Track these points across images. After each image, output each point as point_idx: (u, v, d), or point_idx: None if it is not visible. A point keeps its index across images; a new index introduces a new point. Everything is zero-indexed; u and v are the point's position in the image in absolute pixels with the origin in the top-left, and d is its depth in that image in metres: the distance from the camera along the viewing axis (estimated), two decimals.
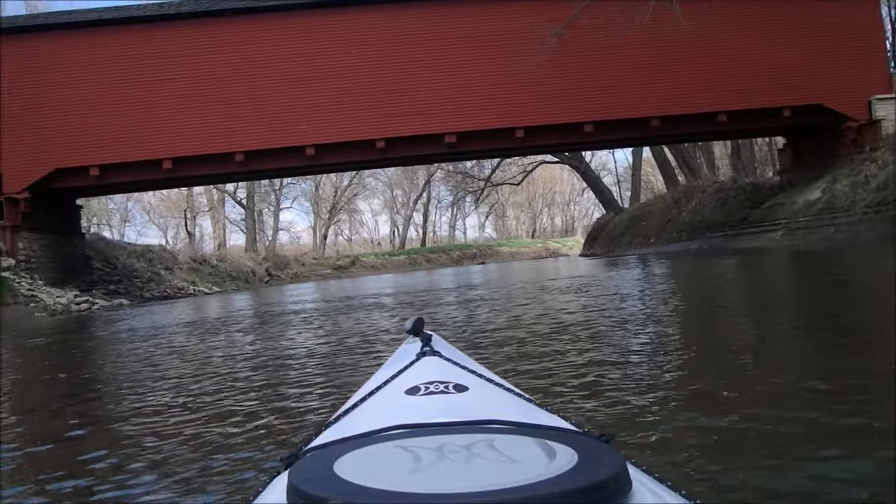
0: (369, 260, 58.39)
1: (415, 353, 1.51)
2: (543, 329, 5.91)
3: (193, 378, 4.97)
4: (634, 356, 4.23)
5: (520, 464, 0.79)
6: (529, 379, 3.64)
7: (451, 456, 0.82)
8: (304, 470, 0.82)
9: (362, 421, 1.10)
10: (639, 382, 3.41)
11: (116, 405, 4.15)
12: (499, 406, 1.16)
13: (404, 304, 11.74)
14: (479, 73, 21.95)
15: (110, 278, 25.73)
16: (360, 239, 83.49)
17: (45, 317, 17.80)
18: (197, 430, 3.21)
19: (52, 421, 3.88)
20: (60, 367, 6.70)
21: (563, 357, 4.38)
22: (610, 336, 5.20)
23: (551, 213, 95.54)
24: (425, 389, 1.20)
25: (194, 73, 21.64)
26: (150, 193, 62.18)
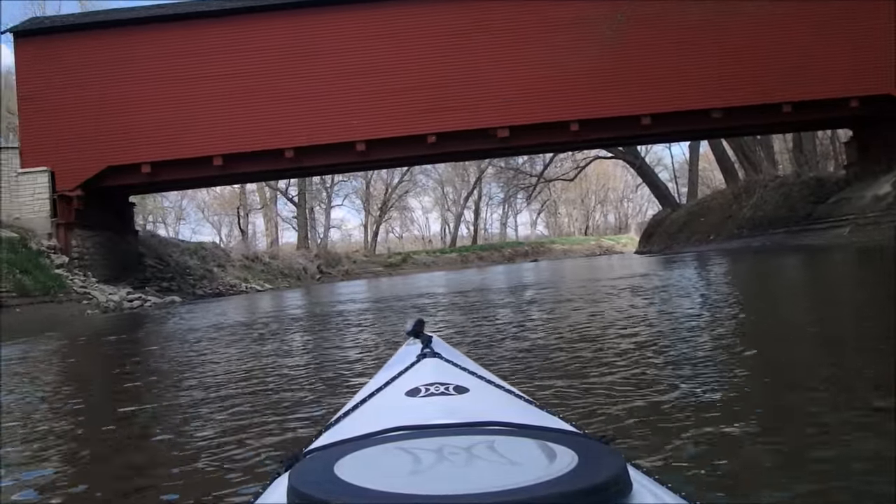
0: (420, 257, 58.13)
1: (415, 355, 1.50)
2: (614, 344, 5.03)
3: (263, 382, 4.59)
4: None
5: (520, 466, 0.78)
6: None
7: (452, 458, 0.81)
8: (304, 472, 0.80)
9: (363, 422, 1.09)
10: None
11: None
12: (499, 408, 1.17)
13: (455, 306, 11.28)
14: (533, 65, 21.39)
15: (163, 275, 25.80)
16: (410, 236, 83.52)
17: (98, 314, 17.77)
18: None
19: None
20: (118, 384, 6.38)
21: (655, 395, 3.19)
22: (700, 369, 3.75)
23: (604, 209, 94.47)
24: (426, 391, 1.19)
25: (245, 69, 21.49)
26: (204, 191, 63.13)
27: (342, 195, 68.39)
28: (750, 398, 3.04)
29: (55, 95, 21.20)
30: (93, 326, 13.65)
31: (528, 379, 3.73)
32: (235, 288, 30.21)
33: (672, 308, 7.25)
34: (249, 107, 21.36)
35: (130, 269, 24.09)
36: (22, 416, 4.01)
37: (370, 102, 21.36)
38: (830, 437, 2.34)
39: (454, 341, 5.50)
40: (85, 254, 21.43)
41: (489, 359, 4.57)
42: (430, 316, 8.84)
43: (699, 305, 7.31)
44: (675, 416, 2.73)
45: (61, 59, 21.39)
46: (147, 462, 2.87)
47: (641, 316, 6.82)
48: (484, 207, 79.64)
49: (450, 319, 8.34)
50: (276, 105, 21.38)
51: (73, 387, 5.58)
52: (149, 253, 26.98)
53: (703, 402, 2.96)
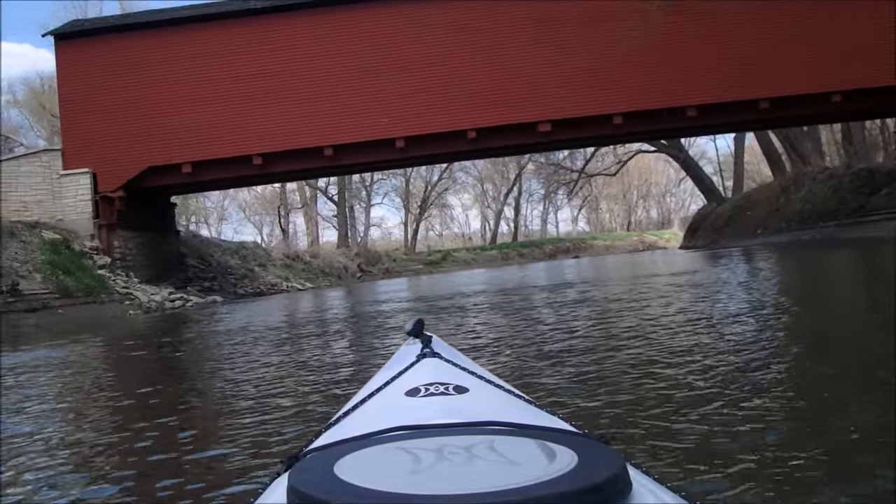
0: (461, 255, 57.74)
1: (415, 355, 1.49)
2: (696, 369, 4.05)
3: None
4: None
5: (519, 465, 0.78)
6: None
7: (451, 457, 0.81)
8: (304, 471, 0.81)
9: (362, 422, 1.08)
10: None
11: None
12: (499, 407, 1.16)
13: (499, 307, 10.96)
14: (575, 58, 20.91)
15: (204, 275, 25.85)
16: (450, 234, 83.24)
17: (140, 314, 17.78)
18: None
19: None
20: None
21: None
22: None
23: (647, 205, 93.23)
24: (425, 391, 1.18)
25: (282, 67, 21.38)
26: (246, 191, 63.53)
27: (381, 193, 68.38)
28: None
29: (96, 97, 21.30)
30: (135, 328, 13.60)
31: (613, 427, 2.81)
32: (276, 287, 30.19)
33: (752, 318, 6.78)
34: (288, 105, 21.24)
35: (172, 269, 24.17)
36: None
37: (407, 99, 21.08)
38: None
39: (501, 357, 5.19)
40: (127, 254, 21.52)
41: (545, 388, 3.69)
42: (472, 318, 8.53)
43: (775, 312, 6.88)
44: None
45: (101, 61, 21.48)
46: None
47: (713, 326, 6.22)
48: (524, 204, 79.08)
49: (493, 322, 8.02)
50: (315, 103, 21.22)
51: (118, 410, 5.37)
52: (190, 253, 27.08)
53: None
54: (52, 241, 19.02)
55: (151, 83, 21.41)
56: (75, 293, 17.52)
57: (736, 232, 34.57)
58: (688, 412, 2.91)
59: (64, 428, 3.90)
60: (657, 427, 2.71)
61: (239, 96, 21.31)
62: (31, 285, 16.66)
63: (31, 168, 21.04)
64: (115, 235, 21.17)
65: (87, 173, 21.00)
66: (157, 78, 21.41)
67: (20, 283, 15.91)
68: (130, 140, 21.12)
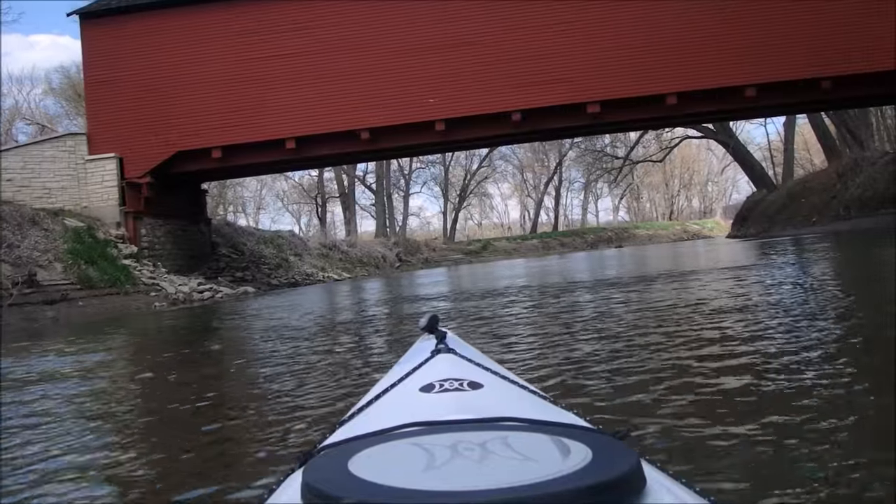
0: (501, 244, 56.65)
1: (429, 351, 1.47)
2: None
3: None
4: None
5: (534, 461, 0.77)
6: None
7: (466, 453, 0.81)
8: (318, 468, 0.81)
9: (376, 418, 1.08)
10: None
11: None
12: (513, 403, 1.14)
13: (543, 307, 9.67)
14: (626, 34, 19.48)
15: (237, 265, 24.86)
16: (489, 223, 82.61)
17: (166, 307, 16.77)
18: None
19: None
20: None
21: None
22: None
23: (689, 194, 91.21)
24: (440, 387, 1.17)
25: (316, 46, 20.25)
26: (283, 181, 63.08)
27: (420, 182, 67.55)
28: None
29: (123, 79, 20.34)
30: (159, 323, 12.50)
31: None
32: (312, 277, 29.14)
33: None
34: (322, 86, 20.10)
35: (203, 258, 23.22)
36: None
37: (450, 79, 19.82)
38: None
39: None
40: (155, 243, 20.57)
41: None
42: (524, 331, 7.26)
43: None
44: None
45: (128, 41, 20.50)
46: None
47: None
48: (564, 193, 77.56)
49: (549, 333, 6.73)
50: (351, 84, 20.06)
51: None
52: (222, 242, 26.13)
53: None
54: (75, 230, 18.09)
55: (180, 64, 20.41)
56: (98, 284, 16.57)
57: (790, 220, 32.99)
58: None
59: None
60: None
61: (272, 77, 20.23)
62: (51, 276, 15.72)
63: (56, 153, 20.11)
64: (143, 223, 20.22)
65: (113, 158, 20.04)
66: (187, 58, 20.41)
67: (38, 273, 14.96)
68: (158, 124, 20.15)
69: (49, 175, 19.82)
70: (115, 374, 5.74)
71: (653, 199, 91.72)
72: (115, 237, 19.15)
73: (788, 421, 2.53)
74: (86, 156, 20.12)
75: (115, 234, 19.23)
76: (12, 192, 19.01)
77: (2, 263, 14.53)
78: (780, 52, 18.81)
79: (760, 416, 2.59)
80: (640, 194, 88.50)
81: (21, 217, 17.28)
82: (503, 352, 4.73)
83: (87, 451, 3.01)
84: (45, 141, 21.23)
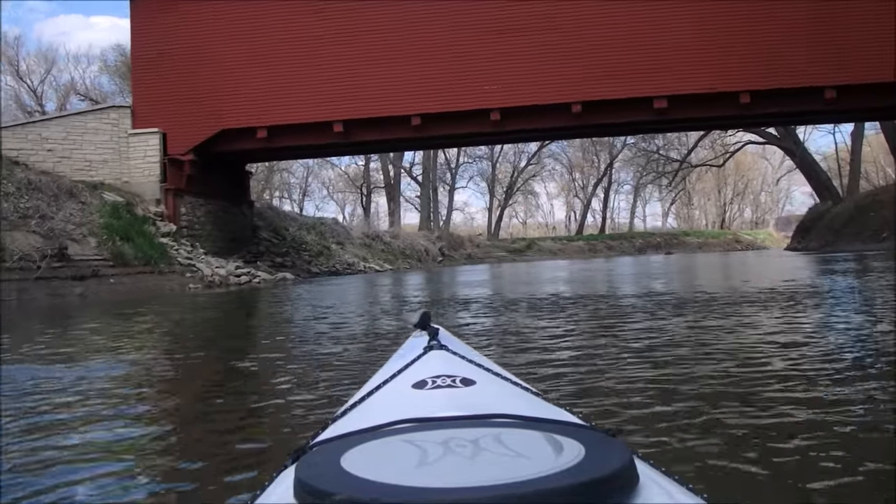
0: (546, 244, 55.54)
1: (422, 347, 1.46)
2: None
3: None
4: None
5: (526, 458, 0.77)
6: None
7: (458, 450, 0.80)
8: (310, 464, 0.80)
9: (369, 415, 1.07)
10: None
11: None
12: (506, 400, 1.14)
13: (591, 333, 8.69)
14: (698, 27, 18.36)
15: (277, 250, 24.23)
16: (533, 223, 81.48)
17: (200, 289, 16.11)
18: None
19: None
20: None
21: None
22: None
23: (742, 203, 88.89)
24: (432, 383, 1.17)
25: (368, 26, 19.50)
26: (329, 169, 62.66)
27: (466, 177, 66.60)
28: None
29: (170, 54, 19.80)
30: (193, 314, 11.73)
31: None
32: (353, 267, 28.44)
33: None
34: (373, 69, 19.31)
35: (243, 241, 22.60)
36: None
37: (509, 66, 18.89)
38: None
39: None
40: (195, 223, 19.97)
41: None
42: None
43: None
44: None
45: (177, 16, 19.95)
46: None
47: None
48: (612, 196, 75.94)
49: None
50: (403, 67, 19.25)
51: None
52: (264, 226, 25.53)
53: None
54: (113, 204, 17.53)
55: (227, 40, 19.81)
56: (132, 262, 15.97)
57: (857, 235, 31.29)
58: None
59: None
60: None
61: (321, 58, 19.51)
62: (84, 250, 15.15)
63: (99, 125, 19.59)
64: (183, 202, 19.63)
65: (156, 133, 19.47)
66: (234, 35, 19.82)
67: (69, 246, 14.36)
68: (203, 100, 19.56)
69: (91, 147, 19.30)
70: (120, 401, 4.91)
71: (703, 207, 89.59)
72: (154, 214, 18.58)
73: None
74: (129, 129, 19.61)
75: (153, 211, 18.66)
76: (53, 162, 18.54)
77: (32, 235, 13.94)
78: (867, 51, 17.52)
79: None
80: (691, 200, 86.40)
81: (58, 189, 16.76)
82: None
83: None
84: (89, 112, 20.79)
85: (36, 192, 15.83)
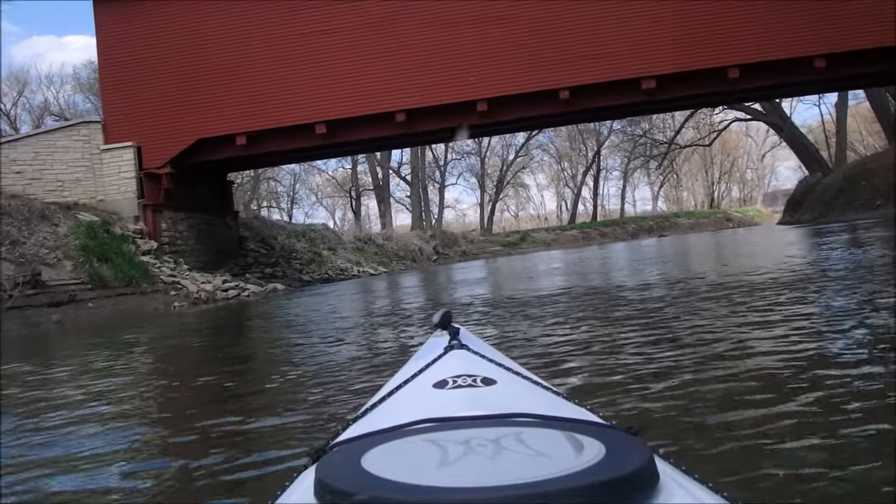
0: (540, 235, 54.79)
1: (442, 347, 1.45)
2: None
3: None
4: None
5: (547, 457, 0.77)
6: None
7: (479, 449, 0.80)
8: (331, 464, 0.80)
9: (390, 415, 1.07)
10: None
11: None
12: (526, 399, 1.13)
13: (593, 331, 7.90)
14: (681, 3, 17.70)
15: (266, 260, 23.38)
16: (525, 215, 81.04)
17: (186, 307, 15.28)
18: None
19: None
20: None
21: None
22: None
23: (729, 182, 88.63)
24: (453, 383, 1.16)
25: (346, 24, 18.79)
26: (317, 175, 61.77)
27: (456, 174, 65.84)
28: None
29: (139, 62, 18.92)
30: (182, 329, 10.95)
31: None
32: (346, 272, 27.62)
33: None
34: (354, 66, 18.53)
35: (230, 254, 21.76)
36: None
37: (493, 55, 18.19)
38: None
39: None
40: (177, 238, 19.12)
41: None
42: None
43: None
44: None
45: (144, 21, 19.10)
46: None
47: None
48: (601, 182, 75.27)
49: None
50: (384, 63, 18.47)
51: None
52: (251, 236, 24.68)
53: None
54: (88, 224, 16.66)
55: (200, 45, 18.98)
56: (111, 283, 15.12)
57: (849, 204, 30.76)
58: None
59: None
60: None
61: (299, 58, 18.73)
62: (59, 275, 14.29)
63: (69, 142, 18.71)
64: (163, 217, 18.78)
65: (130, 147, 18.61)
66: (206, 39, 18.98)
67: (43, 272, 13.51)
68: (178, 110, 18.71)
69: (62, 166, 18.44)
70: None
71: (691, 188, 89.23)
72: (133, 232, 17.74)
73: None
74: (101, 145, 18.73)
75: (132, 229, 17.81)
76: (22, 185, 17.68)
77: (2, 262, 13.09)
78: (863, 17, 16.83)
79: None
80: (680, 182, 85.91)
81: (29, 212, 15.90)
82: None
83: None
84: (58, 130, 19.84)
85: (6, 218, 14.97)
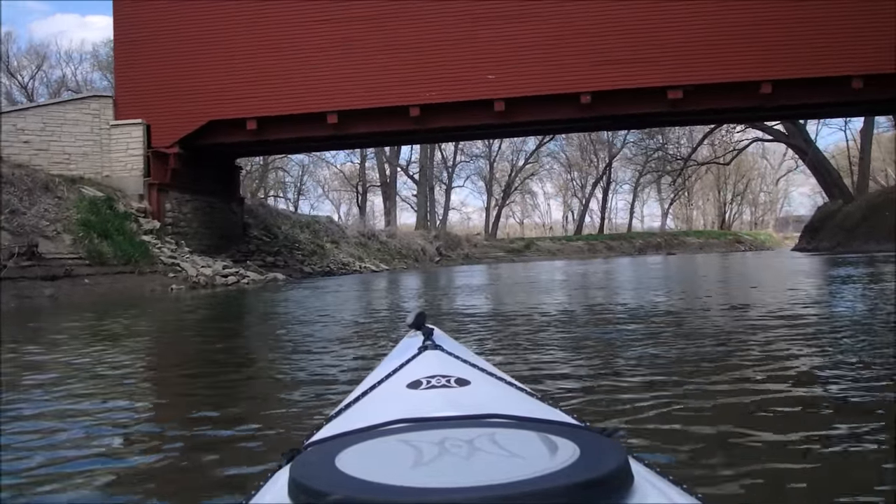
0: (545, 244, 54.41)
1: (417, 347, 1.45)
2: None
3: None
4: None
5: (521, 458, 0.77)
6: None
7: (453, 450, 0.80)
8: (305, 464, 0.80)
9: (364, 415, 1.07)
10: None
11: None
12: (501, 400, 1.13)
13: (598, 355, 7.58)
14: (717, 13, 17.26)
15: (268, 249, 23.10)
16: (530, 223, 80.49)
17: (184, 290, 14.99)
18: None
19: None
20: None
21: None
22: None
23: (741, 203, 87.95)
24: (427, 383, 1.16)
25: (366, 12, 18.37)
26: (325, 167, 61.44)
27: (463, 176, 65.45)
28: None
29: (154, 41, 18.66)
30: (179, 314, 10.65)
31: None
32: (348, 267, 27.32)
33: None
34: (370, 57, 18.20)
35: (233, 239, 21.47)
36: None
37: (514, 54, 17.80)
38: None
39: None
40: (180, 220, 18.84)
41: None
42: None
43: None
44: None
45: (162, 1, 18.80)
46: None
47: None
48: (610, 196, 74.80)
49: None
50: (401, 56, 18.14)
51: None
52: (255, 224, 24.39)
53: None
54: (92, 199, 16.38)
55: (215, 28, 18.73)
56: (110, 261, 14.84)
57: (871, 234, 30.20)
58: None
59: None
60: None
61: (315, 45, 18.41)
62: (57, 248, 14.00)
63: (78, 115, 18.43)
64: (168, 197, 18.50)
65: (140, 125, 18.35)
66: (222, 22, 18.72)
67: (41, 244, 13.22)
68: (190, 90, 18.44)
69: (70, 139, 18.15)
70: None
71: (701, 207, 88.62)
72: (137, 210, 17.46)
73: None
74: (111, 121, 18.47)
75: (136, 207, 17.54)
76: (29, 155, 17.38)
77: (1, 231, 12.82)
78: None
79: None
80: (691, 200, 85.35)
81: (33, 183, 15.62)
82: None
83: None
84: (68, 102, 19.60)
85: (8, 186, 14.68)
